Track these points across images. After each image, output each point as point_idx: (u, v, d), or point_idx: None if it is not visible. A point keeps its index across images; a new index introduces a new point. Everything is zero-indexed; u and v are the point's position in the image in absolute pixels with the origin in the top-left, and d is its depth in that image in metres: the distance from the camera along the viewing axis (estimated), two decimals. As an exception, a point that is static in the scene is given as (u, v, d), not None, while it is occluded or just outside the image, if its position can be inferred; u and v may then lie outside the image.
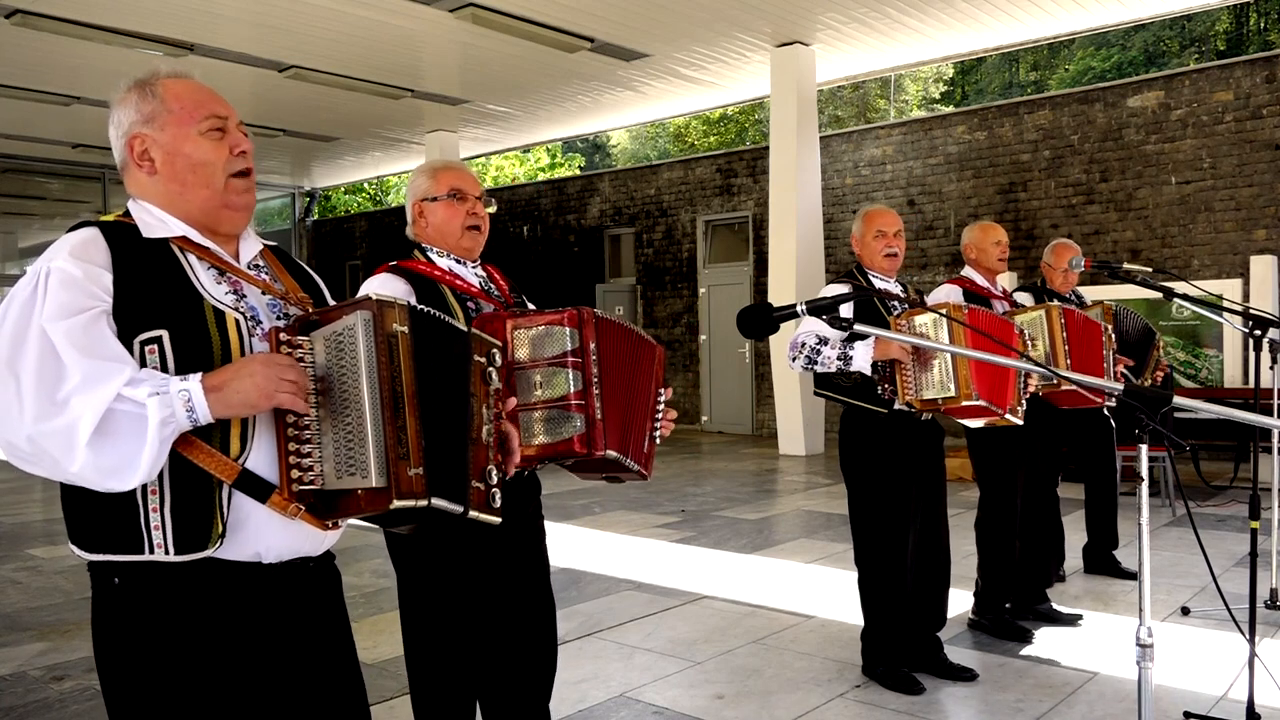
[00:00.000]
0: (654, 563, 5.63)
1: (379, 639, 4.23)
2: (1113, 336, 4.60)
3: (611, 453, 2.15)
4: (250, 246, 1.69)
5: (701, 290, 13.26)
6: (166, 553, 1.45)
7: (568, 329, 2.13)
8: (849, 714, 3.35)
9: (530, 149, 21.66)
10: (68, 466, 1.37)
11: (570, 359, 2.12)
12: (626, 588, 5.08)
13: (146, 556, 1.45)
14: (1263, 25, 24.54)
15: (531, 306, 2.45)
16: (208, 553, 1.46)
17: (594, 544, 6.15)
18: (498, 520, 1.59)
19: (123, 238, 1.53)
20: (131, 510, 1.45)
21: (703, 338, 13.23)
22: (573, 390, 2.11)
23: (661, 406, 2.37)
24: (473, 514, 1.55)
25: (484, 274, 2.49)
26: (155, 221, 1.57)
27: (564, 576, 5.29)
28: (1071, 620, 4.33)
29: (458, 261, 2.43)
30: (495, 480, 1.61)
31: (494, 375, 1.64)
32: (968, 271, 4.33)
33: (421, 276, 2.34)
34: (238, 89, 11.46)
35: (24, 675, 3.85)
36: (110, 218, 1.59)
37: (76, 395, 1.37)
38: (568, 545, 6.10)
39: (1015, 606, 4.33)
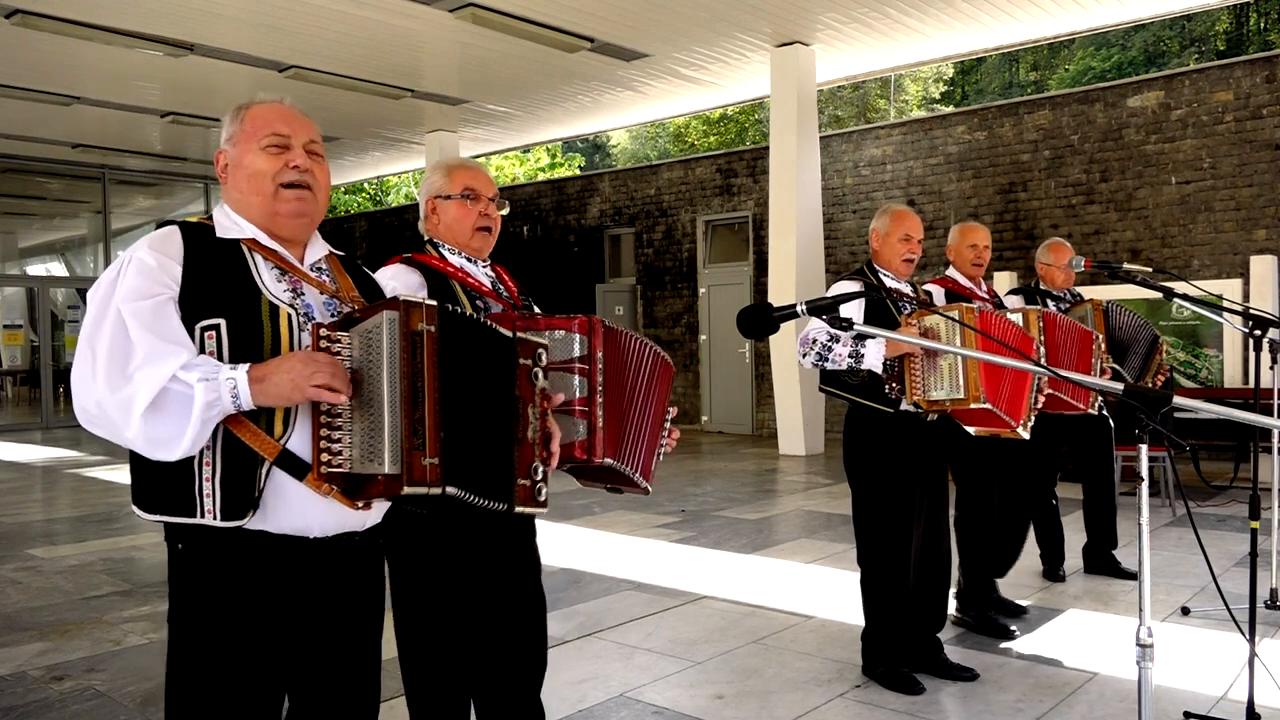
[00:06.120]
0: (654, 563, 5.63)
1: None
2: (1103, 345, 4.53)
3: (609, 460, 2.15)
4: (316, 251, 1.88)
5: (701, 290, 13.26)
6: (215, 518, 1.62)
7: (577, 335, 2.13)
8: (849, 714, 3.35)
9: (530, 149, 21.66)
10: (124, 432, 1.58)
11: (577, 365, 2.12)
12: (626, 588, 5.08)
13: (196, 520, 1.63)
14: (1263, 25, 24.54)
15: (538, 310, 2.47)
16: (243, 522, 1.63)
17: (594, 544, 6.15)
18: (544, 510, 1.74)
19: (198, 236, 1.74)
20: (188, 479, 1.63)
21: (703, 338, 13.23)
22: (577, 396, 2.11)
23: (668, 425, 2.40)
24: (519, 509, 1.71)
25: (494, 274, 2.51)
26: (230, 224, 1.78)
27: (564, 576, 5.30)
28: (1019, 611, 4.42)
29: (468, 260, 2.46)
30: (540, 476, 1.76)
31: (539, 375, 1.78)
32: (952, 272, 4.24)
33: (434, 270, 2.38)
34: (238, 89, 11.45)
35: (24, 675, 3.85)
36: (193, 219, 1.79)
37: (140, 370, 1.57)
38: (568, 545, 6.10)
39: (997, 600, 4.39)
